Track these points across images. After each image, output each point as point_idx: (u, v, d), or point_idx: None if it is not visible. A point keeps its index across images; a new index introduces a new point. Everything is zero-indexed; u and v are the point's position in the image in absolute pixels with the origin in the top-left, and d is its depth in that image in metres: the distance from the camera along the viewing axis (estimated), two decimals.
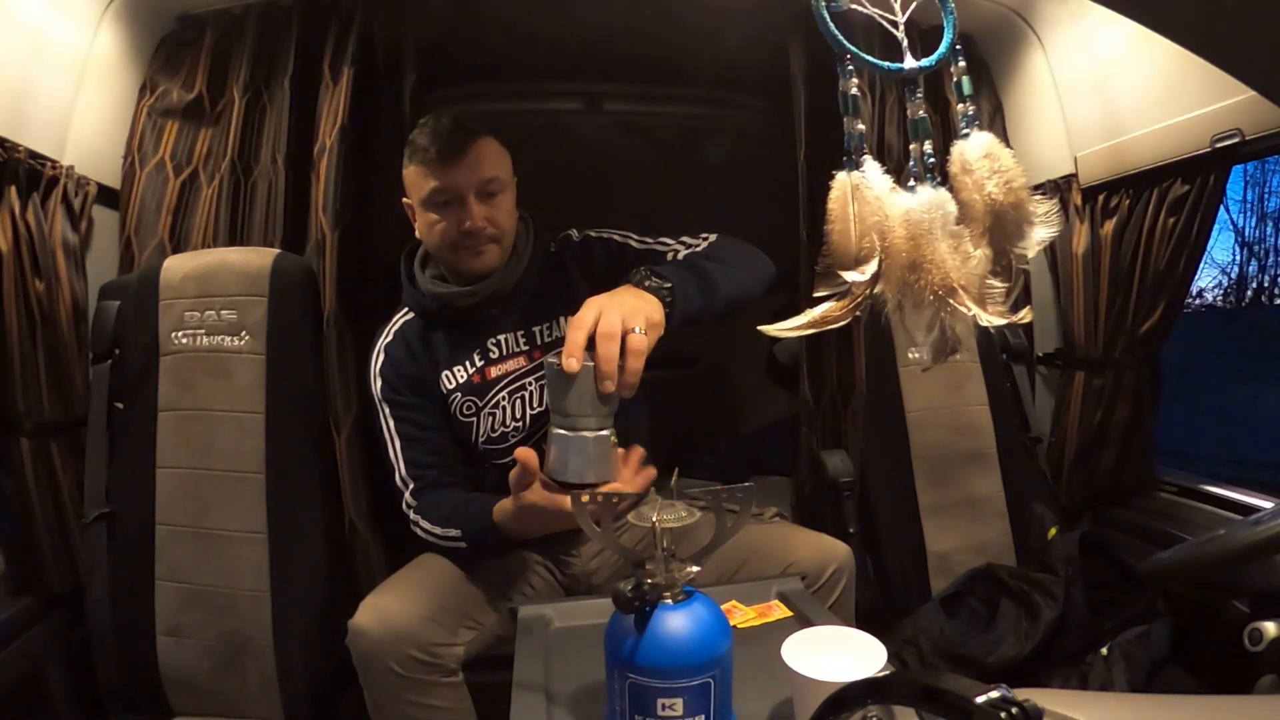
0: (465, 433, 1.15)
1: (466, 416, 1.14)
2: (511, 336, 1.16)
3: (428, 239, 1.13)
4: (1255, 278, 6.23)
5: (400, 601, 0.97)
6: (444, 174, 1.07)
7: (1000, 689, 0.36)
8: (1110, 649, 1.26)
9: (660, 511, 0.56)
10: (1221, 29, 0.64)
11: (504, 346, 1.15)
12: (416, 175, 1.10)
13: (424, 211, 1.11)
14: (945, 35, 0.63)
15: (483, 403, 1.14)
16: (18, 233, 1.14)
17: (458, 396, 1.14)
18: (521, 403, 1.14)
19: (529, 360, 1.15)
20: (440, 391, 1.14)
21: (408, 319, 1.19)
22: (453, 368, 1.14)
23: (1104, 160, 1.49)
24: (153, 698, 1.20)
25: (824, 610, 0.94)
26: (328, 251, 1.29)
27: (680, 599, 0.55)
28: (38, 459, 1.19)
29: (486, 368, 1.14)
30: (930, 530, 1.52)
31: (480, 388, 1.14)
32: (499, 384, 1.14)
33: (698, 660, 0.53)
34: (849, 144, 0.61)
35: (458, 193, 1.08)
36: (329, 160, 1.30)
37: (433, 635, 0.95)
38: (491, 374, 1.14)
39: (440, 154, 1.07)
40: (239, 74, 1.39)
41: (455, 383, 1.14)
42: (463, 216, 1.08)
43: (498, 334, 1.15)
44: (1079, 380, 1.58)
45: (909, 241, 0.58)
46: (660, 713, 0.53)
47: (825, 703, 0.45)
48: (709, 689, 0.54)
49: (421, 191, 1.10)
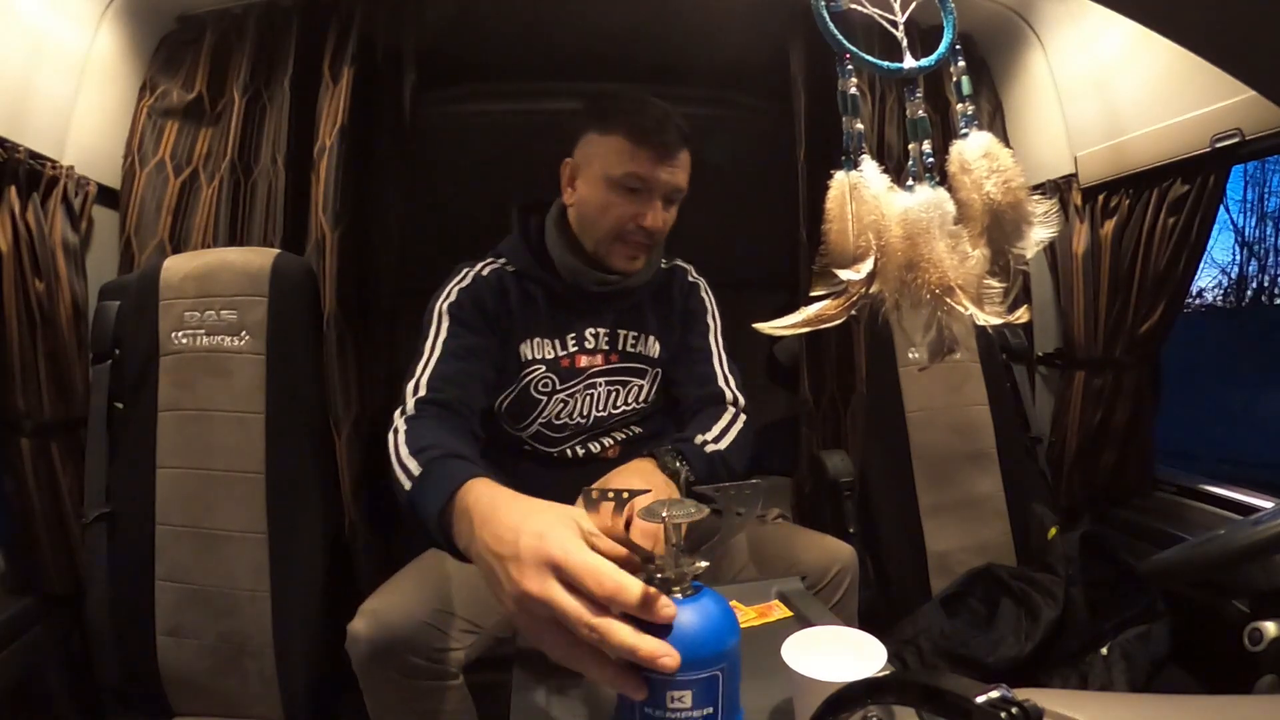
0: (529, 409, 1.11)
1: (540, 393, 1.10)
2: (604, 332, 1.14)
3: (591, 214, 1.07)
4: (1255, 278, 6.22)
5: (398, 606, 0.94)
6: (650, 164, 1.03)
7: (1000, 689, 0.36)
8: (1110, 649, 1.26)
9: (669, 508, 0.56)
10: (1221, 29, 0.64)
11: (598, 340, 1.13)
12: (614, 148, 1.03)
13: (605, 187, 1.05)
14: (945, 35, 0.63)
15: (562, 386, 1.11)
16: (18, 233, 1.14)
17: (539, 370, 1.10)
18: (589, 400, 1.13)
19: (606, 360, 1.14)
20: (513, 352, 1.09)
21: (503, 267, 1.12)
22: (536, 338, 1.10)
23: (1104, 160, 1.49)
24: (153, 698, 1.20)
25: (824, 610, 0.94)
26: (328, 251, 1.29)
27: (690, 594, 0.56)
28: (38, 459, 1.20)
29: (577, 355, 1.12)
30: (930, 530, 1.52)
31: (565, 371, 1.11)
32: (583, 374, 1.12)
33: (706, 654, 0.54)
34: (848, 143, 0.61)
35: (652, 188, 1.04)
36: (329, 160, 1.30)
37: (433, 640, 0.93)
38: (580, 362, 1.12)
39: (657, 145, 1.02)
40: (239, 74, 1.39)
41: (538, 355, 1.10)
42: (644, 212, 1.05)
43: (596, 326, 1.13)
44: (1079, 380, 1.58)
45: (906, 241, 0.58)
46: (669, 704, 0.54)
47: (825, 703, 0.45)
48: (717, 682, 0.55)
49: (613, 167, 1.04)
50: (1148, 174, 1.40)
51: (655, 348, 1.17)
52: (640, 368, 1.16)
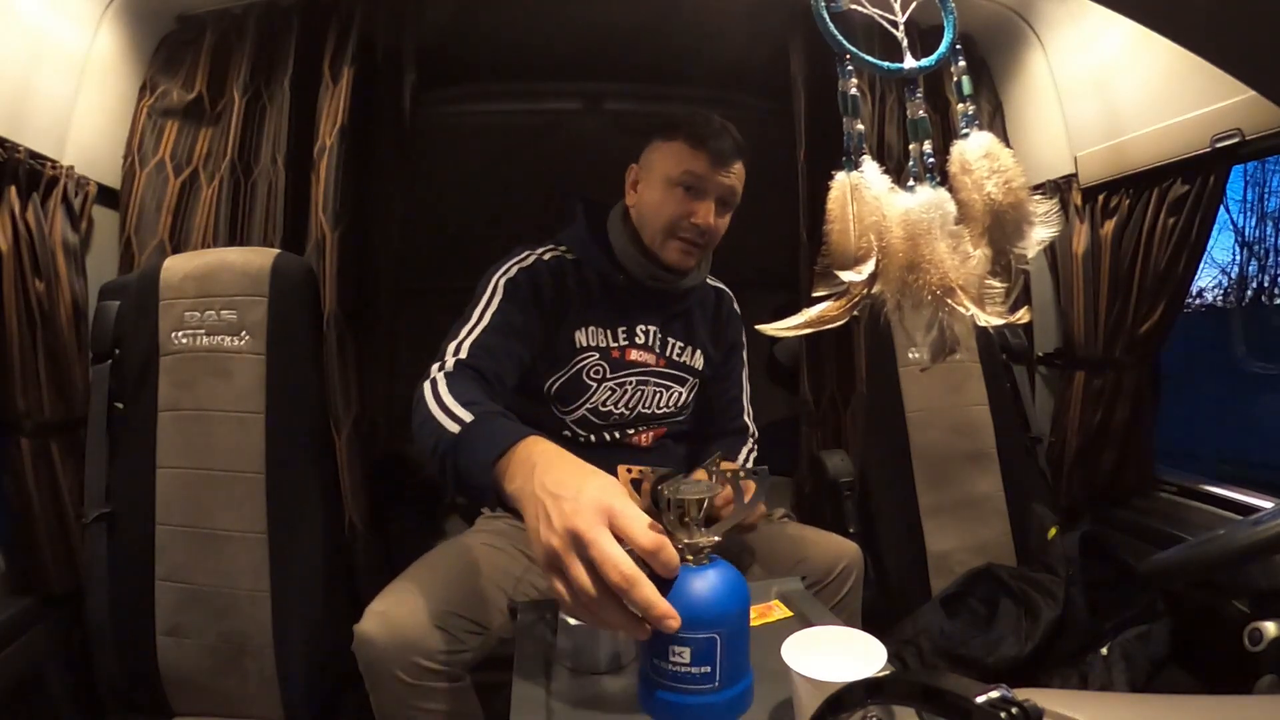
0: (579, 393, 1.14)
1: (591, 379, 1.14)
2: (654, 331, 1.19)
3: (650, 211, 1.14)
4: (1255, 278, 6.23)
5: (407, 608, 0.94)
6: (706, 165, 1.10)
7: (1000, 689, 0.36)
8: (1110, 649, 1.26)
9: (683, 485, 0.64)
10: (1221, 29, 0.64)
11: (648, 337, 1.19)
12: (675, 151, 1.11)
13: (664, 186, 1.12)
14: (945, 35, 0.63)
15: (612, 375, 1.15)
16: (18, 233, 1.14)
17: (592, 356, 1.14)
18: (639, 396, 1.18)
19: (656, 361, 1.19)
20: (567, 338, 1.13)
21: (564, 254, 1.17)
22: (590, 327, 1.15)
23: (1104, 160, 1.49)
24: (153, 698, 1.20)
25: (824, 610, 0.94)
26: (328, 251, 1.29)
27: (703, 563, 0.63)
28: (38, 459, 1.19)
29: (628, 348, 1.17)
30: (930, 530, 1.52)
31: (616, 361, 1.16)
32: (633, 368, 1.17)
33: (704, 617, 0.60)
34: (849, 144, 0.61)
35: (706, 188, 1.11)
36: (329, 160, 1.30)
37: (440, 643, 0.93)
38: (630, 356, 1.17)
39: (714, 150, 1.10)
40: (239, 74, 1.39)
41: (592, 342, 1.15)
42: (696, 210, 1.11)
43: (647, 324, 1.19)
44: (1079, 380, 1.58)
45: (907, 241, 0.58)
46: (670, 658, 0.61)
47: (825, 703, 0.45)
48: (715, 645, 0.61)
49: (673, 168, 1.11)
50: (1148, 174, 1.40)
51: (699, 361, 1.25)
52: (683, 376, 1.23)
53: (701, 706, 0.63)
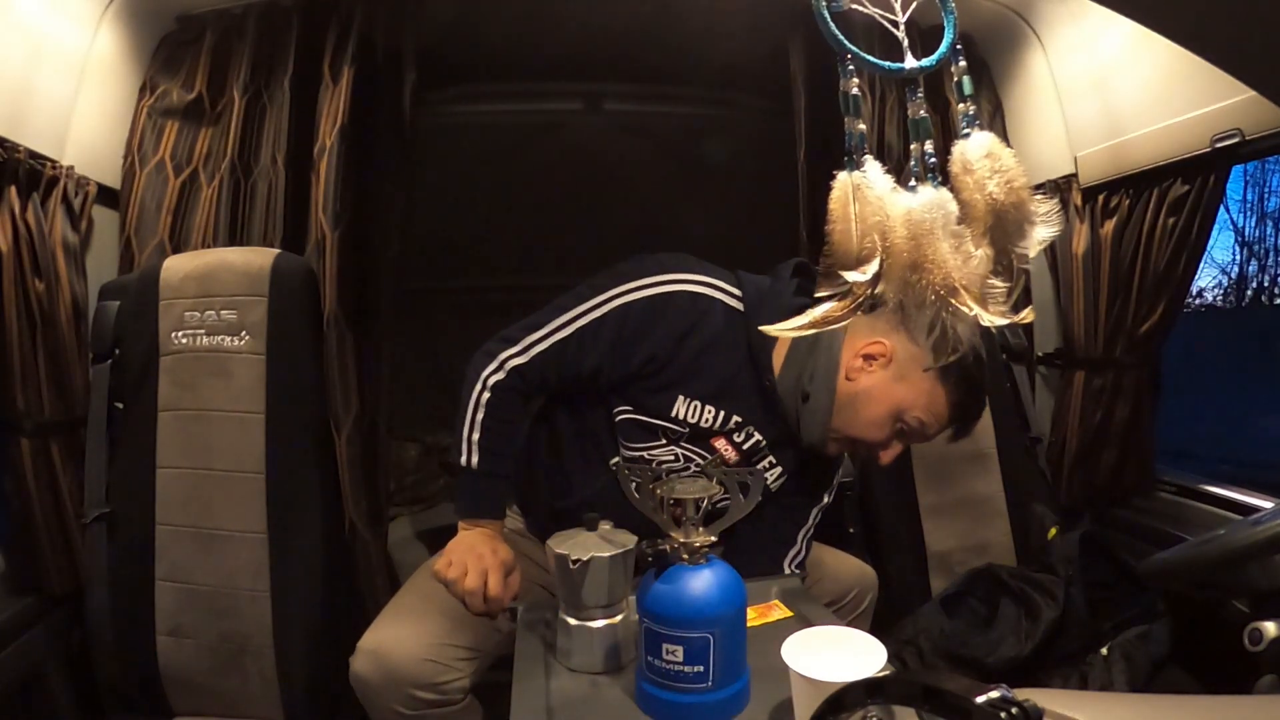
0: (641, 441, 1.05)
1: (665, 437, 1.05)
2: (752, 441, 1.06)
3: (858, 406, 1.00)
4: (1255, 278, 6.22)
5: (399, 641, 0.94)
6: (940, 434, 1.04)
7: (1000, 689, 0.36)
8: (1110, 649, 1.26)
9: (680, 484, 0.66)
10: (1221, 29, 0.64)
11: (742, 439, 1.06)
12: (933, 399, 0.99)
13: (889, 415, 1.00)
14: (945, 35, 0.62)
15: (685, 444, 1.06)
16: (18, 233, 1.14)
17: (680, 429, 1.04)
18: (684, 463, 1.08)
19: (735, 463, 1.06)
20: (666, 398, 1.01)
21: (735, 307, 1.01)
22: (696, 402, 1.01)
23: (1104, 160, 1.49)
24: (153, 698, 1.20)
25: (824, 610, 0.94)
26: (328, 251, 1.29)
27: (699, 563, 0.63)
28: (38, 459, 1.19)
29: (718, 435, 1.05)
30: (930, 530, 1.52)
31: (697, 431, 1.04)
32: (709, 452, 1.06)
33: (697, 616, 0.61)
34: (850, 144, 0.61)
35: (919, 441, 1.05)
36: (329, 160, 1.30)
37: (435, 674, 0.93)
38: (716, 443, 1.06)
39: (960, 429, 1.05)
40: (239, 74, 1.39)
41: (688, 416, 1.02)
42: (890, 449, 1.03)
43: (751, 426, 1.05)
44: (1079, 380, 1.58)
45: (910, 241, 0.57)
46: (664, 656, 0.62)
47: (825, 703, 0.45)
48: (708, 644, 0.62)
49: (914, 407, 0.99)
50: (1148, 174, 1.40)
51: (771, 489, 1.11)
52: None
53: (695, 705, 0.63)
